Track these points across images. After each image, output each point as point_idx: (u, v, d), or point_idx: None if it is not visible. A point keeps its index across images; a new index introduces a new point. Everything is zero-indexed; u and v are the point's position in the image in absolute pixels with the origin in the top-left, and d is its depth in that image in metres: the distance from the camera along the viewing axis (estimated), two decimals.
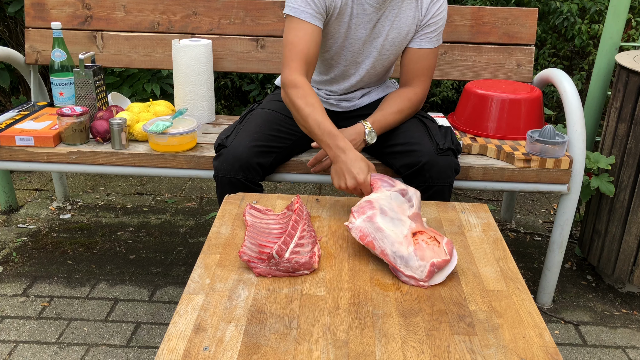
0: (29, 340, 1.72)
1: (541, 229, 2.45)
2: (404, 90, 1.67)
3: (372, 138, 1.59)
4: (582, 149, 1.72)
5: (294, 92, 1.47)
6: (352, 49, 1.63)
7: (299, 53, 1.50)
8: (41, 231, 2.33)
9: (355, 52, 1.64)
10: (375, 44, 1.62)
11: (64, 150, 1.74)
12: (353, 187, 1.35)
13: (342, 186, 1.37)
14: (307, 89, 1.47)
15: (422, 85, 1.67)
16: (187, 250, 2.23)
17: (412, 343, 0.95)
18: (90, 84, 1.83)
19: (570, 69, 3.14)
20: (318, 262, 1.15)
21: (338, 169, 1.39)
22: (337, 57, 1.65)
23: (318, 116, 1.43)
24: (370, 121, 1.59)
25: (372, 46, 1.63)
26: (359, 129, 1.58)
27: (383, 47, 1.63)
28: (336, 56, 1.65)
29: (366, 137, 1.58)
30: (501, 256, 1.21)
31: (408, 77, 1.67)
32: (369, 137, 1.58)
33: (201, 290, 1.08)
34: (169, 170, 1.75)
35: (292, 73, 1.49)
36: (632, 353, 1.74)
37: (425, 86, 1.68)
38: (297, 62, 1.50)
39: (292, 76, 1.49)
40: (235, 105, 3.31)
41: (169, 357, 0.91)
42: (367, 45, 1.63)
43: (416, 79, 1.66)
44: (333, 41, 1.61)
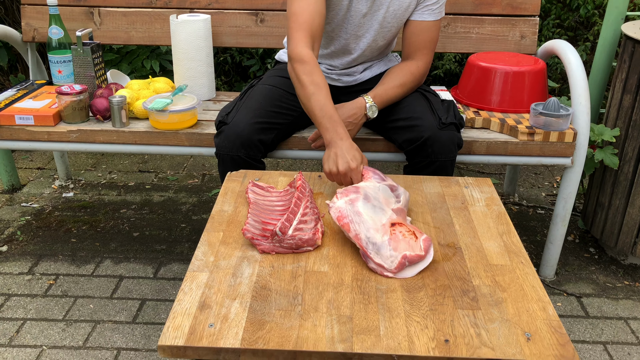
0: (36, 317, 1.74)
1: (544, 202, 2.45)
2: (406, 63, 1.65)
3: (374, 112, 1.57)
4: (587, 121, 1.70)
5: (301, 67, 1.43)
6: (353, 22, 1.60)
7: (303, 24, 1.46)
8: (44, 210, 2.33)
9: (356, 25, 1.61)
10: (377, 16, 1.60)
11: (65, 129, 1.73)
12: (344, 172, 1.30)
13: (334, 170, 1.32)
14: (314, 66, 1.43)
15: (425, 58, 1.64)
16: (190, 227, 2.23)
17: (416, 318, 0.95)
18: (89, 62, 1.81)
19: (575, 40, 3.09)
20: (321, 239, 1.15)
21: (332, 154, 1.34)
22: (338, 30, 1.63)
23: (321, 97, 1.40)
24: (372, 95, 1.58)
25: (373, 19, 1.60)
26: (360, 103, 1.57)
27: (384, 19, 1.60)
28: (337, 29, 1.62)
29: (367, 112, 1.57)
30: (505, 230, 1.21)
31: (410, 51, 1.65)
32: (370, 112, 1.57)
33: (205, 268, 1.08)
34: (170, 148, 1.74)
35: (297, 45, 1.45)
36: (634, 324, 1.75)
37: (427, 59, 1.65)
38: (302, 33, 1.46)
39: (297, 49, 1.45)
40: (235, 81, 3.28)
41: (174, 334, 0.92)
42: (368, 18, 1.60)
43: (418, 52, 1.64)
44: (335, 13, 1.58)
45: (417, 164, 1.59)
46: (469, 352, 0.88)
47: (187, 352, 0.91)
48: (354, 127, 1.56)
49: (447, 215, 1.26)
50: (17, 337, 1.66)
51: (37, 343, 1.64)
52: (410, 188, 1.38)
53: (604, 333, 1.71)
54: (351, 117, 1.55)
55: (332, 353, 0.89)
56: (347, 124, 1.55)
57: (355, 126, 1.56)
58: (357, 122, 1.57)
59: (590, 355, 1.63)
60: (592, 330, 1.72)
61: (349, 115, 1.55)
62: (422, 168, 1.58)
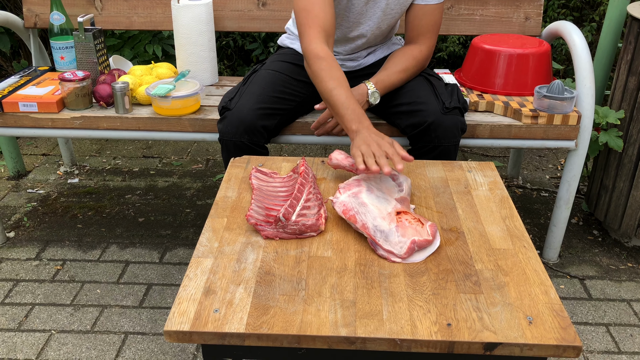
0: (45, 302, 1.76)
1: (548, 184, 2.45)
2: (409, 47, 1.63)
3: (376, 99, 1.57)
4: (591, 104, 1.69)
5: (317, 63, 1.40)
6: (355, 9, 1.59)
7: (315, 19, 1.43)
8: (50, 196, 2.35)
9: (358, 13, 1.60)
10: (380, 3, 1.58)
11: (68, 116, 1.73)
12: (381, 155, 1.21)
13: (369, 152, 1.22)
14: (331, 61, 1.40)
15: (428, 42, 1.63)
16: (195, 212, 2.25)
17: (419, 302, 0.96)
18: (91, 48, 1.81)
19: (581, 20, 3.06)
20: (325, 224, 1.16)
21: (362, 140, 1.26)
22: (340, 18, 1.61)
23: (342, 92, 1.36)
24: (374, 81, 1.57)
25: (375, 6, 1.59)
26: (361, 89, 1.56)
27: (387, 6, 1.59)
28: (339, 17, 1.61)
29: (369, 98, 1.56)
30: (507, 214, 1.21)
31: (413, 35, 1.64)
32: (372, 98, 1.56)
33: (210, 254, 1.09)
34: (173, 134, 1.74)
35: (312, 42, 1.42)
36: (636, 306, 1.76)
37: (430, 43, 1.64)
38: (315, 28, 1.43)
39: (312, 45, 1.42)
40: (238, 65, 3.27)
41: (180, 319, 0.93)
42: (371, 5, 1.58)
43: (421, 36, 1.62)
44: (337, 1, 1.57)
45: (421, 148, 1.59)
46: (471, 336, 0.89)
47: (192, 337, 0.92)
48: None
49: (450, 199, 1.27)
50: (26, 321, 1.69)
51: (45, 327, 1.67)
52: (413, 173, 1.38)
53: (606, 315, 1.72)
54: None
55: (335, 337, 0.90)
56: None
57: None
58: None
59: (593, 337, 1.64)
60: (594, 312, 1.74)
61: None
62: (426, 153, 1.58)
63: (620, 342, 1.62)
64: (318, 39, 1.43)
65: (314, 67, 1.41)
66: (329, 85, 1.38)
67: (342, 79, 1.40)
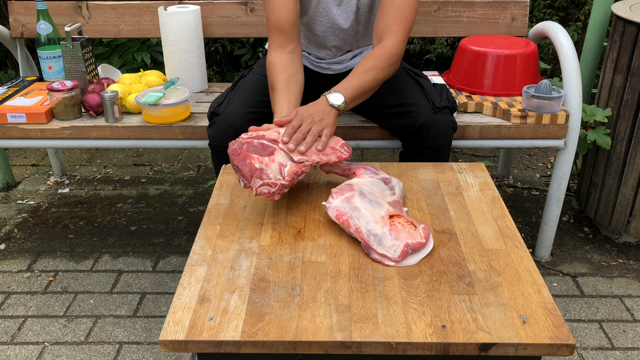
0: (37, 314, 1.75)
1: (539, 183, 2.47)
2: (373, 49, 1.51)
3: (337, 98, 1.38)
4: (579, 103, 1.71)
5: (268, 72, 1.49)
6: (329, 10, 1.59)
7: (272, 27, 1.50)
8: (41, 207, 2.33)
9: (332, 14, 1.59)
10: (351, 4, 1.58)
11: (58, 126, 1.72)
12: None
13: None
14: (273, 68, 1.46)
15: (393, 36, 1.48)
16: (187, 219, 2.24)
17: (413, 305, 0.96)
18: (79, 57, 1.80)
19: (567, 20, 3.09)
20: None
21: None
22: (313, 21, 1.61)
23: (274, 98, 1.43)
24: (333, 89, 1.41)
25: (348, 6, 1.59)
26: (321, 101, 1.39)
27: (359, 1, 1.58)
28: (312, 21, 1.61)
29: (330, 102, 1.37)
30: (499, 215, 1.22)
31: (379, 31, 1.52)
32: (332, 98, 1.38)
33: (203, 262, 1.09)
34: (164, 142, 1.74)
35: (270, 53, 1.50)
36: (628, 302, 1.77)
37: (397, 37, 1.48)
38: (272, 37, 1.50)
39: (269, 57, 1.50)
40: (227, 70, 3.27)
41: (175, 329, 0.93)
42: (344, 4, 1.58)
43: (387, 30, 1.49)
44: (308, 4, 1.58)
45: (414, 149, 1.59)
46: (465, 337, 0.89)
47: (188, 346, 0.92)
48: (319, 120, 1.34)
49: (441, 201, 1.27)
50: (19, 334, 1.67)
51: (39, 340, 1.65)
52: (405, 175, 1.39)
53: (599, 311, 1.74)
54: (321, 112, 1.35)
55: (331, 342, 0.90)
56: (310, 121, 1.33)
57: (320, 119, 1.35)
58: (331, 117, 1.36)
59: (586, 334, 1.65)
60: (587, 309, 1.75)
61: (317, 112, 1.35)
62: (419, 153, 1.59)
63: (613, 338, 1.63)
64: (273, 48, 1.50)
65: (268, 77, 1.49)
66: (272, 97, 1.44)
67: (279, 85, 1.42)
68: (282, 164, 1.19)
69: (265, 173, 1.17)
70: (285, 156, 1.21)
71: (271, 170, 1.18)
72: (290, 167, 1.19)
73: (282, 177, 1.18)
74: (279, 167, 1.19)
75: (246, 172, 1.18)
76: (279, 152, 1.22)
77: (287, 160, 1.21)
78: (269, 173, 1.17)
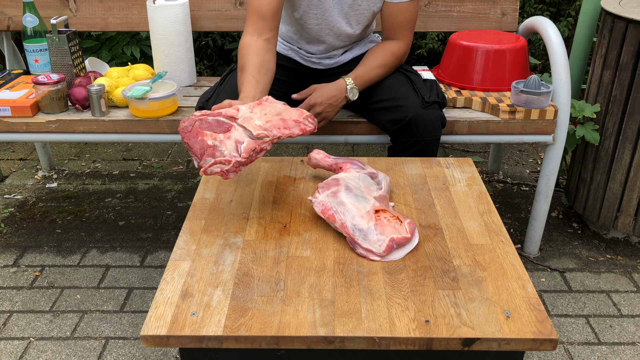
0: (23, 309, 1.74)
1: (528, 178, 2.47)
2: (387, 43, 1.63)
3: (354, 95, 1.57)
4: (567, 98, 1.71)
5: (239, 54, 1.45)
6: (321, 6, 1.58)
7: (252, 11, 1.48)
8: (28, 201, 2.31)
9: (325, 10, 1.59)
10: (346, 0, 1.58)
11: (43, 120, 1.70)
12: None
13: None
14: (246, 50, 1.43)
15: (405, 38, 1.64)
16: (176, 214, 2.23)
17: (397, 299, 0.96)
18: (65, 50, 1.78)
19: (558, 15, 3.09)
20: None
21: None
22: (307, 16, 1.60)
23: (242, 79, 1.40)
24: (352, 77, 1.57)
25: (342, 2, 1.58)
26: (340, 85, 1.56)
27: (355, 2, 1.58)
28: (305, 15, 1.60)
29: (348, 94, 1.56)
30: (485, 210, 1.22)
31: (390, 32, 1.64)
32: (351, 94, 1.56)
33: (187, 257, 1.08)
34: (151, 136, 1.72)
35: (245, 36, 1.48)
36: (615, 297, 1.78)
37: (408, 40, 1.64)
38: (250, 21, 1.48)
39: (243, 39, 1.47)
40: (218, 65, 3.25)
41: (157, 324, 0.92)
42: (338, 1, 1.58)
43: (398, 32, 1.63)
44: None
45: (402, 144, 1.59)
46: (449, 332, 0.89)
47: (170, 341, 0.91)
48: (332, 109, 1.56)
49: (428, 196, 1.27)
50: (4, 329, 1.66)
51: (24, 335, 1.64)
52: (392, 170, 1.38)
53: (586, 306, 1.74)
54: (331, 98, 1.54)
55: (314, 337, 0.89)
56: (327, 106, 1.54)
57: (334, 108, 1.56)
58: (337, 105, 1.56)
59: (573, 329, 1.66)
60: (574, 304, 1.75)
61: (329, 96, 1.54)
62: (407, 148, 1.58)
63: (599, 333, 1.64)
64: (250, 32, 1.47)
65: (238, 59, 1.46)
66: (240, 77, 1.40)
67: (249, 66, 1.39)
68: (239, 141, 1.12)
69: (219, 150, 1.10)
70: (243, 133, 1.13)
71: (226, 147, 1.10)
72: (247, 143, 1.11)
73: (237, 154, 1.10)
74: (234, 144, 1.11)
75: (196, 150, 1.10)
76: (237, 128, 1.14)
77: (245, 137, 1.13)
78: (224, 150, 1.10)
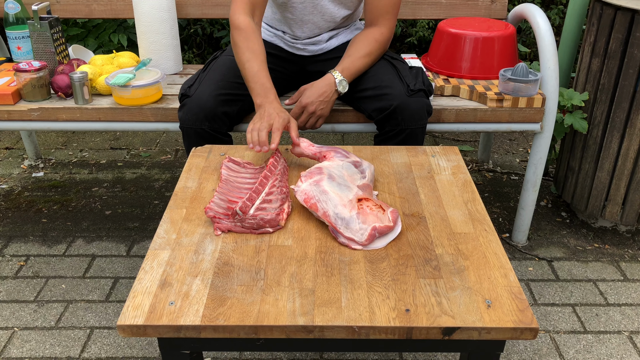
0: (7, 299, 1.72)
1: (518, 167, 2.46)
2: (369, 30, 1.61)
3: (344, 87, 1.56)
4: (555, 86, 1.69)
5: (237, 33, 1.46)
6: None
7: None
8: (14, 190, 2.29)
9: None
10: None
11: (25, 108, 1.68)
12: (265, 128, 1.31)
13: (257, 126, 1.32)
14: (251, 32, 1.45)
15: (388, 23, 1.61)
16: (163, 204, 2.21)
17: (378, 288, 0.95)
18: (48, 37, 1.75)
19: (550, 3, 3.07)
20: (286, 220, 1.13)
21: (262, 112, 1.37)
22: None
23: (256, 64, 1.43)
24: (339, 69, 1.55)
25: None
26: (329, 80, 1.54)
27: None
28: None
29: (337, 87, 1.55)
30: (469, 198, 1.21)
31: (372, 17, 1.61)
32: (341, 87, 1.55)
33: (167, 246, 1.07)
34: (135, 124, 1.70)
35: (236, 12, 1.47)
36: (602, 285, 1.78)
37: (390, 24, 1.62)
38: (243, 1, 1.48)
39: (235, 16, 1.47)
40: (207, 53, 3.22)
41: (134, 313, 0.91)
42: None
43: (380, 17, 1.60)
44: None
45: (388, 132, 1.58)
46: (429, 321, 0.88)
47: (147, 331, 0.90)
48: (326, 106, 1.55)
49: (412, 185, 1.26)
50: None
51: (8, 325, 1.63)
52: (377, 159, 1.37)
53: (573, 295, 1.74)
54: (322, 95, 1.53)
55: (293, 327, 0.88)
56: (319, 103, 1.53)
57: (327, 104, 1.55)
58: (329, 100, 1.55)
59: (560, 318, 1.66)
60: (561, 293, 1.75)
61: (320, 94, 1.53)
62: (393, 137, 1.57)
63: (585, 321, 1.64)
64: (242, 10, 1.48)
65: (235, 38, 1.47)
66: (244, 57, 1.44)
67: (259, 51, 1.45)
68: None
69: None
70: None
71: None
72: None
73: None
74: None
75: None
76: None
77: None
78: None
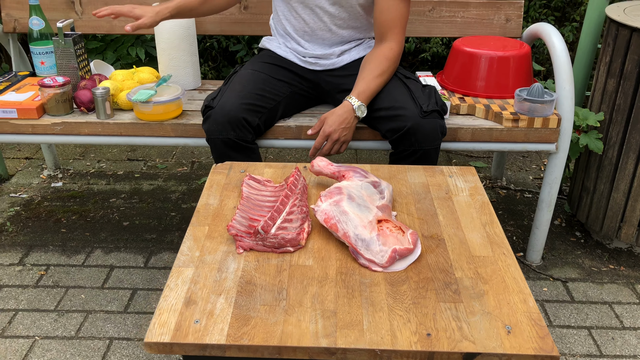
0: (28, 308, 1.75)
1: (532, 185, 2.47)
2: (379, 48, 1.63)
3: (363, 112, 1.59)
4: (571, 106, 1.71)
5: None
6: None
7: None
8: (34, 200, 2.33)
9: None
10: None
11: (49, 122, 1.72)
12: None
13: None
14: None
15: (397, 37, 1.63)
16: (180, 215, 2.24)
17: (399, 312, 0.97)
18: (71, 53, 1.79)
19: (563, 20, 3.09)
20: (306, 239, 1.15)
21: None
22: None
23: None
24: (355, 95, 1.58)
25: None
26: (347, 107, 1.58)
27: None
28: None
29: (356, 113, 1.59)
30: (487, 221, 1.22)
31: (381, 31, 1.63)
32: (359, 112, 1.59)
33: (191, 263, 1.09)
34: (156, 139, 1.73)
35: None
36: (618, 308, 1.78)
37: (399, 39, 1.64)
38: None
39: None
40: (223, 66, 3.26)
41: (160, 331, 0.93)
42: None
43: (389, 31, 1.62)
44: None
45: (402, 152, 1.60)
46: (450, 346, 0.90)
47: (173, 349, 0.92)
48: (348, 131, 1.59)
49: (431, 205, 1.27)
50: (10, 328, 1.67)
51: (29, 334, 1.66)
52: (395, 178, 1.39)
53: (588, 318, 1.74)
54: (343, 122, 1.57)
55: (316, 348, 0.90)
56: (342, 130, 1.58)
57: (349, 130, 1.60)
58: (351, 126, 1.59)
59: (575, 340, 1.66)
60: (577, 315, 1.76)
61: (341, 121, 1.57)
62: (407, 156, 1.59)
63: (602, 345, 1.64)
64: None
65: None
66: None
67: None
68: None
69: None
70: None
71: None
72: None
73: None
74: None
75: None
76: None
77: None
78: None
